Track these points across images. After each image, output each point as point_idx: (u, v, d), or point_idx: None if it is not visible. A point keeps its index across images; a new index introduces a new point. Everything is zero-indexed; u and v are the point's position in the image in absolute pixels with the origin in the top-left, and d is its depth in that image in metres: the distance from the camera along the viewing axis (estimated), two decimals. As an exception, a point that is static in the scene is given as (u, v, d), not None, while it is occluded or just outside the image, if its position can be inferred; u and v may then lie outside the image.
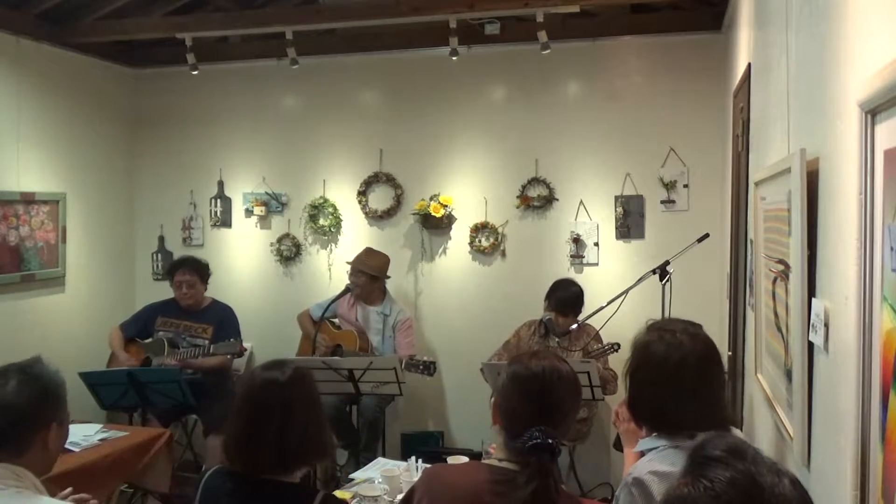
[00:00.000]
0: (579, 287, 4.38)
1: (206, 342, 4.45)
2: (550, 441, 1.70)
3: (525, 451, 1.70)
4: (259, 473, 1.89)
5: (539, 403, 1.80)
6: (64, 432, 1.90)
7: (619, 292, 3.88)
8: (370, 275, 4.65)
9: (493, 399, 1.90)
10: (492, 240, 4.96)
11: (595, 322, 4.10)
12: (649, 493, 1.64)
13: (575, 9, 4.16)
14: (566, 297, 4.29)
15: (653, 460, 1.72)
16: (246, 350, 4.65)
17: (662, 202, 4.69)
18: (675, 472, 1.63)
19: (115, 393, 3.93)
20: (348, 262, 4.76)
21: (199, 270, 4.63)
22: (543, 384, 1.82)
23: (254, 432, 1.89)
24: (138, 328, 4.62)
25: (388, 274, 4.78)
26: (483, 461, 1.93)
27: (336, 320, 4.79)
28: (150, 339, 4.55)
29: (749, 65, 3.00)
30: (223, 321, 4.59)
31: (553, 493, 1.70)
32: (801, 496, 0.89)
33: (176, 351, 4.40)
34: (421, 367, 4.15)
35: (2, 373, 1.83)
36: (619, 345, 4.00)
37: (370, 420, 4.31)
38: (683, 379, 1.74)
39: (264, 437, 1.87)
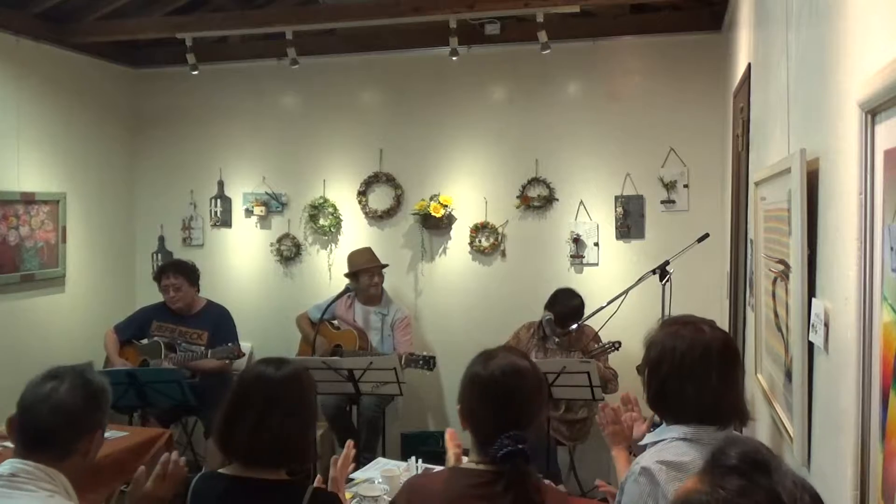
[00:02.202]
0: (580, 299, 4.29)
1: (202, 348, 4.43)
2: (521, 446, 1.67)
3: (498, 460, 1.68)
4: (240, 462, 1.89)
5: (504, 406, 1.75)
6: (102, 441, 1.91)
7: (619, 292, 3.88)
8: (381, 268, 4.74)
9: (458, 405, 1.85)
10: (492, 240, 4.96)
11: (595, 322, 4.10)
12: (656, 482, 1.64)
13: (575, 9, 4.16)
14: (565, 311, 4.21)
15: (661, 450, 1.72)
16: (244, 355, 4.63)
17: (662, 202, 4.69)
18: (682, 462, 1.64)
19: (115, 393, 3.90)
20: (355, 270, 4.69)
21: (185, 272, 4.55)
22: (505, 385, 1.76)
23: (233, 418, 1.90)
24: (133, 331, 4.59)
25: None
26: (461, 465, 1.90)
27: (335, 322, 4.79)
28: (145, 342, 4.53)
29: (749, 65, 3.00)
30: (218, 326, 4.54)
31: (533, 495, 1.69)
32: None
33: (173, 354, 4.38)
34: (420, 361, 4.16)
35: (55, 374, 1.83)
36: (619, 343, 4.00)
37: (370, 420, 4.31)
38: (710, 367, 1.74)
39: (241, 426, 1.87)
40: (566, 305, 4.26)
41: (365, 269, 4.69)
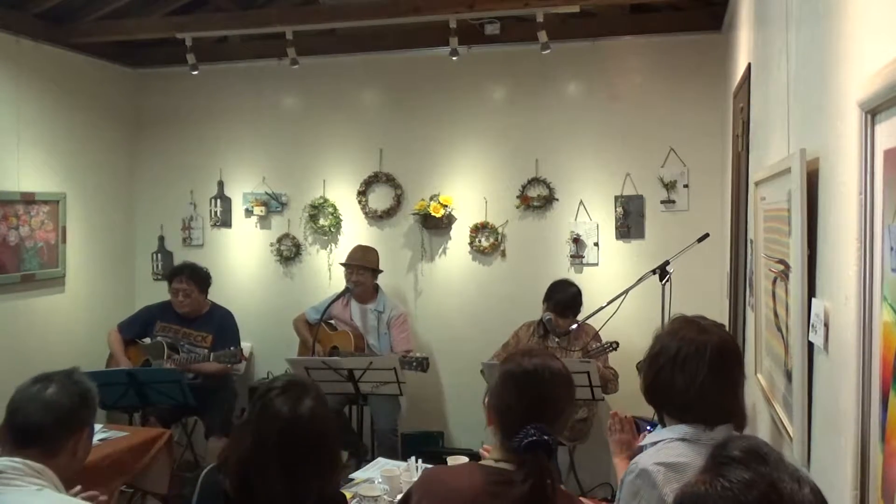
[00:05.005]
0: (577, 287, 4.37)
1: (206, 351, 4.43)
2: (546, 438, 1.68)
3: (521, 449, 1.69)
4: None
5: (533, 400, 1.78)
6: (90, 443, 1.96)
7: (619, 292, 3.88)
8: (371, 269, 4.70)
9: (486, 400, 1.89)
10: (492, 240, 4.96)
11: (595, 322, 4.10)
12: (653, 483, 1.64)
13: (575, 9, 4.16)
14: (564, 298, 4.28)
15: (659, 451, 1.73)
16: (246, 360, 4.63)
17: (662, 202, 4.69)
18: (681, 463, 1.64)
19: (115, 393, 3.93)
20: (343, 264, 4.77)
21: (198, 279, 4.54)
22: (537, 381, 1.80)
23: (253, 468, 1.72)
24: (137, 330, 4.59)
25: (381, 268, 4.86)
26: (480, 462, 1.92)
27: (332, 321, 4.79)
28: (149, 341, 4.54)
29: (749, 65, 3.00)
30: (223, 329, 4.54)
31: (549, 491, 1.68)
32: None
33: (175, 355, 4.38)
34: (414, 363, 4.17)
35: (45, 377, 1.93)
36: (617, 343, 4.00)
37: (383, 441, 4.35)
38: (701, 363, 1.76)
39: (267, 476, 1.70)
40: (565, 293, 4.31)
41: (345, 263, 4.73)
